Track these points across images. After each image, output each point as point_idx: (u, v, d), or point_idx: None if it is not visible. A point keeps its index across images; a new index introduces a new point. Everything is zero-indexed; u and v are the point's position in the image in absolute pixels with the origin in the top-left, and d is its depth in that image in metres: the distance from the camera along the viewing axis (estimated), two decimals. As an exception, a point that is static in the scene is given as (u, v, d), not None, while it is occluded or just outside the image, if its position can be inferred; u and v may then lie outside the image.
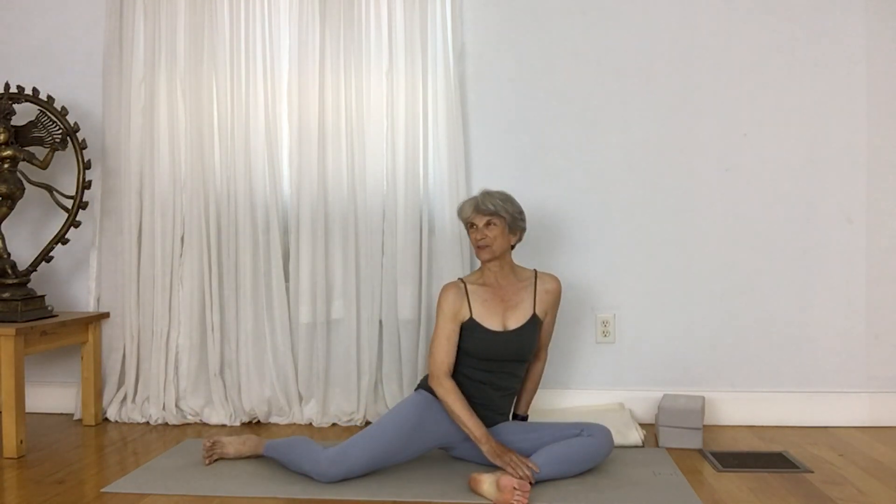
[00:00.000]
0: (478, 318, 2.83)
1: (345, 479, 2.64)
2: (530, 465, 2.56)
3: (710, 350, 3.46)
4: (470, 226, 2.88)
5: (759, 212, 3.44)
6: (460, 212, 2.93)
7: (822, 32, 3.41)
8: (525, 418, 3.04)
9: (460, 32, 3.51)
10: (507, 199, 2.86)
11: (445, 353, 2.80)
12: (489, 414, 2.84)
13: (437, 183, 3.51)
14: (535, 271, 2.97)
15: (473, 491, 2.55)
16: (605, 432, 2.75)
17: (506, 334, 2.83)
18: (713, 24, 3.45)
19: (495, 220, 2.82)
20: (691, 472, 2.77)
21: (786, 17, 3.42)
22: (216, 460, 2.90)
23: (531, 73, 3.52)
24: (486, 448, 2.67)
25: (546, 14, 3.51)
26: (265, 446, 2.89)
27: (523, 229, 2.93)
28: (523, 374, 2.96)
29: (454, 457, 2.90)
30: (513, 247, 2.93)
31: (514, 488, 2.41)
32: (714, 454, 2.97)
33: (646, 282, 3.49)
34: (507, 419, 2.95)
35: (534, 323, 2.87)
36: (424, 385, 2.87)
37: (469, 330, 2.82)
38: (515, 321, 2.85)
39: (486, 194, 2.87)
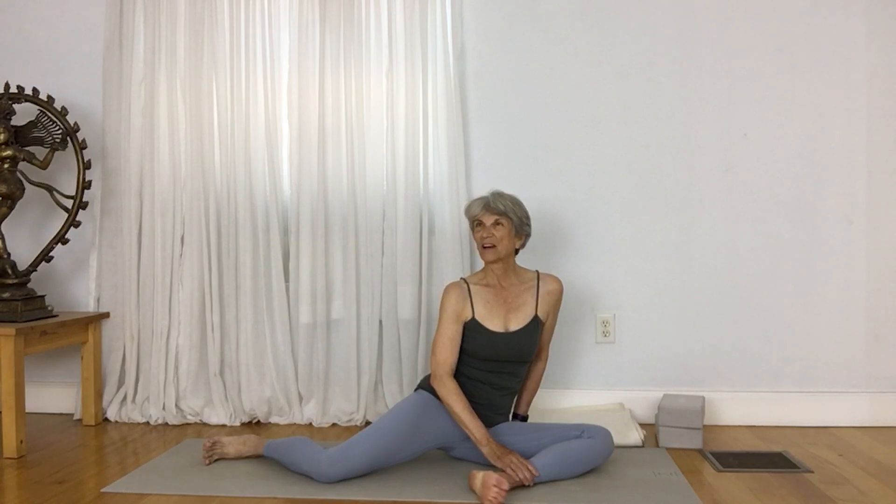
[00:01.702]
0: (480, 318, 2.83)
1: (344, 480, 2.64)
2: (530, 467, 2.56)
3: (710, 350, 3.46)
4: (477, 224, 2.87)
5: (759, 212, 3.44)
6: (468, 210, 2.91)
7: (822, 32, 3.41)
8: (525, 418, 3.04)
9: (460, 32, 3.51)
10: (516, 202, 2.88)
11: (448, 354, 2.80)
12: (489, 414, 2.84)
13: (437, 183, 3.51)
14: (538, 273, 2.96)
15: (472, 489, 2.55)
16: (605, 434, 2.75)
17: (507, 335, 2.83)
18: (713, 23, 3.45)
19: (503, 220, 2.83)
20: (691, 472, 2.77)
21: (786, 17, 3.42)
22: (216, 460, 2.90)
23: (531, 73, 3.52)
24: (487, 450, 2.67)
25: (546, 14, 3.51)
26: (265, 446, 2.89)
27: (528, 234, 2.93)
28: (524, 374, 2.96)
29: (454, 457, 2.90)
30: (517, 251, 2.93)
31: (493, 485, 2.42)
32: (714, 454, 2.97)
33: (646, 282, 3.49)
34: (508, 419, 2.96)
35: (535, 324, 2.87)
36: (425, 385, 2.87)
37: (471, 330, 2.82)
38: (517, 323, 2.85)
39: (497, 195, 2.87)
